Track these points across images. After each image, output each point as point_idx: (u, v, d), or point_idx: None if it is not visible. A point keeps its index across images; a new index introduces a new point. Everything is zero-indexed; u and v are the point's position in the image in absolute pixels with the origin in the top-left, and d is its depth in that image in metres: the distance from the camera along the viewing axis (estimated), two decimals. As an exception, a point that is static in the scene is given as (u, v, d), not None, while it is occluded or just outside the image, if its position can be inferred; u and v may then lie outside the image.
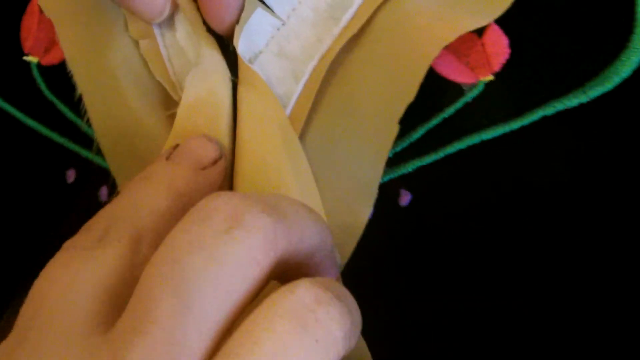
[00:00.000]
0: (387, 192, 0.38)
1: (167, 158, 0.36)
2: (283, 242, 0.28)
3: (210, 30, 0.39)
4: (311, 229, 0.31)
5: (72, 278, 0.29)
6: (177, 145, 0.37)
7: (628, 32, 0.37)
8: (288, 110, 0.38)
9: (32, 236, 0.41)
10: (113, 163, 0.40)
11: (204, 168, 0.36)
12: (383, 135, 0.37)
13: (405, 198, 0.38)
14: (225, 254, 0.27)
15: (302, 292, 0.27)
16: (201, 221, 0.28)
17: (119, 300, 0.28)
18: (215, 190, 0.36)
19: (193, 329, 0.26)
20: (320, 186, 0.38)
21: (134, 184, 0.34)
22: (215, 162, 0.37)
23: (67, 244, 0.31)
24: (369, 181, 0.38)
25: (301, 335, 0.26)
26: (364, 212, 0.37)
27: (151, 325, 0.26)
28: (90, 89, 0.41)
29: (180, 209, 0.31)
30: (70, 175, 0.42)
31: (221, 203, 0.28)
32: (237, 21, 0.38)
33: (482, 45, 0.38)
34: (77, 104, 0.41)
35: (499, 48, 0.38)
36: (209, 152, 0.37)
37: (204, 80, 0.38)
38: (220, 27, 0.38)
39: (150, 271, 0.27)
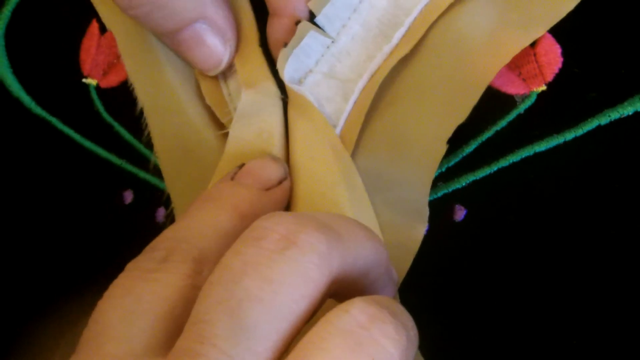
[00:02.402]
0: (441, 208, 0.37)
1: (232, 178, 0.36)
2: (338, 261, 0.28)
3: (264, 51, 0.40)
4: (366, 246, 0.30)
5: (134, 302, 0.29)
6: (242, 165, 0.37)
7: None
8: (338, 130, 0.38)
9: (90, 257, 0.42)
10: (170, 177, 0.41)
11: (268, 189, 0.36)
12: (430, 155, 0.37)
13: (459, 213, 0.37)
14: (280, 274, 0.27)
15: (356, 311, 0.27)
16: (255, 242, 0.28)
17: (180, 322, 0.28)
18: (280, 210, 0.36)
19: (248, 350, 0.26)
20: (373, 204, 0.38)
21: (198, 204, 0.34)
22: (280, 182, 0.37)
23: (130, 265, 0.31)
24: (419, 200, 0.37)
25: (356, 355, 0.26)
26: (419, 229, 0.37)
27: (207, 347, 0.26)
28: (151, 103, 0.41)
29: (244, 230, 0.31)
30: (128, 197, 0.42)
31: (275, 223, 0.28)
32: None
33: (535, 55, 0.37)
34: (134, 126, 0.42)
35: (551, 57, 0.37)
36: (274, 173, 0.37)
37: (255, 104, 0.39)
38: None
39: (205, 293, 0.27)
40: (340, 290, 0.30)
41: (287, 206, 0.38)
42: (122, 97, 0.42)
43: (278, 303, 0.27)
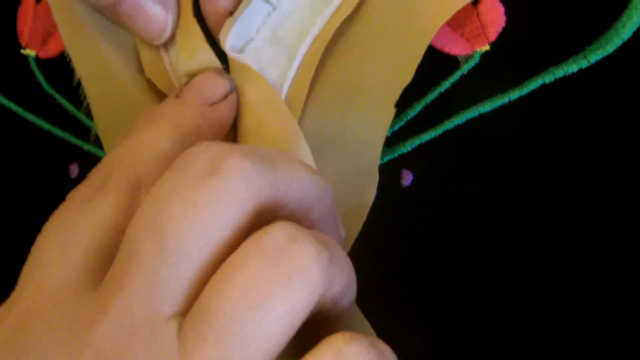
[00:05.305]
0: (388, 173, 0.37)
1: (177, 96, 0.35)
2: (268, 188, 0.28)
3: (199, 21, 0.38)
4: (305, 179, 0.30)
5: (69, 232, 0.29)
6: (187, 82, 0.36)
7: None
8: (283, 95, 0.37)
9: (35, 233, 0.41)
10: (109, 149, 0.40)
11: (213, 104, 0.35)
12: (380, 118, 0.37)
13: (407, 178, 0.37)
14: (203, 200, 0.27)
15: (275, 232, 0.27)
16: (182, 169, 0.28)
17: (115, 249, 0.28)
18: (226, 127, 0.36)
19: (172, 277, 0.26)
20: (321, 169, 0.37)
21: (139, 125, 0.33)
22: (225, 96, 0.36)
23: (70, 194, 0.31)
24: (370, 163, 0.37)
25: (273, 271, 0.26)
26: (369, 194, 0.37)
27: (131, 277, 0.26)
28: (88, 74, 0.40)
29: (185, 149, 0.31)
30: (74, 170, 0.41)
31: (201, 151, 0.28)
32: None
33: (478, 14, 0.37)
34: (77, 97, 0.41)
35: (494, 16, 0.37)
36: (218, 87, 0.36)
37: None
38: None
39: (134, 223, 0.27)
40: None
41: None
42: (63, 68, 0.41)
43: (201, 225, 0.27)
